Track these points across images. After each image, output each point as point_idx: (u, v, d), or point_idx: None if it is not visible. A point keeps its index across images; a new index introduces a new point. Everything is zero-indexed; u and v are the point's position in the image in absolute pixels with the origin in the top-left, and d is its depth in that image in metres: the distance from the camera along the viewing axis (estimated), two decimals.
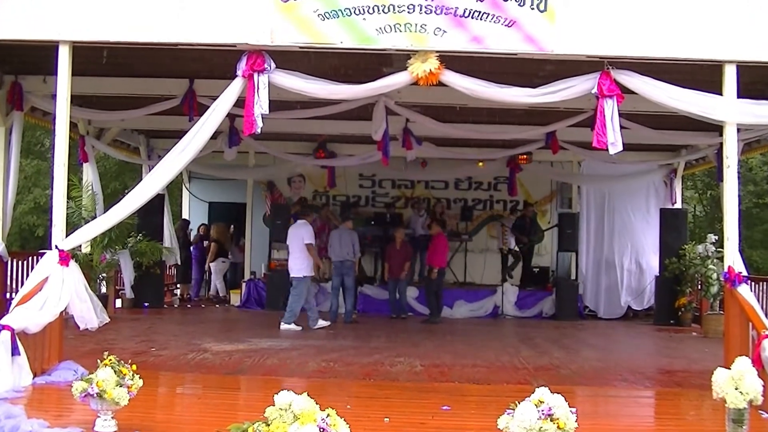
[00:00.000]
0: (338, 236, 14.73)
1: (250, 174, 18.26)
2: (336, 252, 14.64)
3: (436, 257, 15.21)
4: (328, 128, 14.91)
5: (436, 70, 8.19)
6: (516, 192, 17.71)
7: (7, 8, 8.28)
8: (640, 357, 11.73)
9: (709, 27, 8.23)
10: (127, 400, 5.95)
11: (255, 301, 16.85)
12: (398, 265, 15.43)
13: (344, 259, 14.61)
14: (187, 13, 8.28)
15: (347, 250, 14.61)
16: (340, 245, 14.60)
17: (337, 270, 14.67)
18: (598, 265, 17.26)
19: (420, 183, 19.42)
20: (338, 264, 14.64)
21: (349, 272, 14.71)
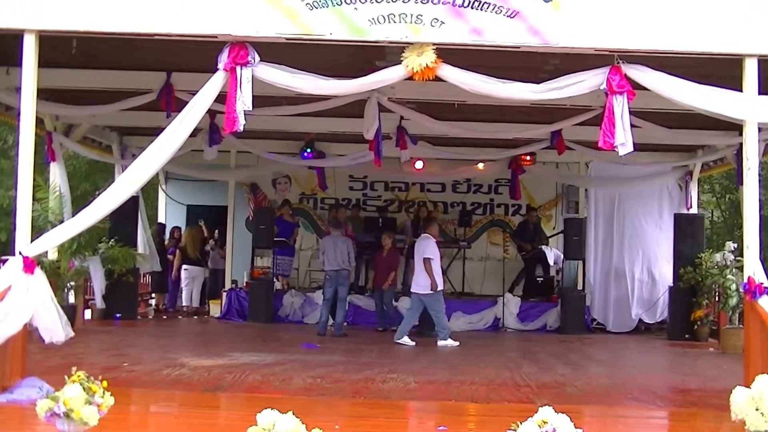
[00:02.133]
0: (332, 243, 14.73)
1: (231, 175, 18.26)
2: (330, 260, 14.62)
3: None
4: (317, 126, 14.94)
5: (432, 64, 8.19)
6: (519, 195, 17.77)
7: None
8: (653, 374, 11.74)
9: (728, 18, 8.21)
10: (97, 420, 5.91)
11: (236, 312, 16.83)
12: (383, 274, 15.45)
13: (340, 268, 14.62)
14: (164, 1, 8.26)
15: (343, 258, 14.62)
16: (335, 253, 14.60)
17: (332, 280, 14.65)
18: (607, 274, 17.27)
19: (415, 185, 19.44)
20: (333, 274, 14.63)
21: (344, 282, 14.74)
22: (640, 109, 9.68)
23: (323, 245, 14.94)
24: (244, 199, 19.09)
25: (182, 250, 18.07)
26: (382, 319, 15.56)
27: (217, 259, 18.80)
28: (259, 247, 17.13)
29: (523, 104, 11.46)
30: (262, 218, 17.03)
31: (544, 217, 19.15)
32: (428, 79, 8.36)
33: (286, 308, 16.73)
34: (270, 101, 11.26)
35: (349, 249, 14.79)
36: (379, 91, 10.93)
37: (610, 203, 17.53)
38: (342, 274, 14.66)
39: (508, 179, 18.00)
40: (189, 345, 12.87)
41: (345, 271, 14.71)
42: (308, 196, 19.55)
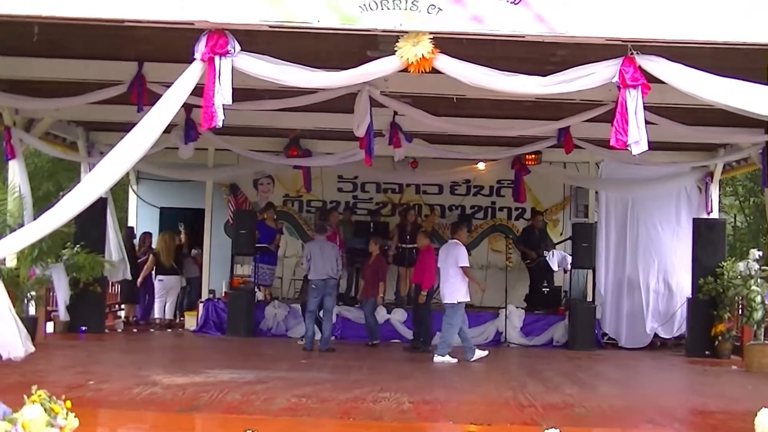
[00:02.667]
0: (319, 250, 14.74)
1: (209, 175, 18.23)
2: (318, 269, 14.63)
3: (425, 275, 15.00)
4: (303, 122, 14.94)
5: (429, 55, 8.17)
6: (523, 198, 17.81)
7: None
8: (669, 394, 11.75)
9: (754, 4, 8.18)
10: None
11: (214, 324, 16.83)
12: (369, 284, 15.49)
13: (328, 277, 14.64)
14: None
15: (331, 266, 14.64)
16: (322, 260, 14.61)
17: (318, 290, 14.65)
18: (620, 285, 17.30)
19: (410, 187, 19.46)
20: (320, 283, 14.62)
21: (331, 292, 14.76)
22: (655, 104, 9.69)
23: (308, 251, 14.90)
24: (223, 201, 19.07)
25: (155, 257, 18.01)
26: (370, 332, 15.58)
27: (192, 267, 18.79)
28: (240, 254, 17.11)
29: (527, 99, 11.47)
30: (242, 222, 17.03)
31: (550, 221, 19.17)
32: (424, 71, 8.34)
33: (268, 321, 16.72)
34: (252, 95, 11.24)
35: (337, 256, 14.83)
36: (370, 84, 10.92)
37: (622, 207, 17.54)
38: (329, 284, 14.68)
39: (511, 180, 18.04)
40: (162, 361, 12.84)
41: (333, 280, 14.73)
42: (293, 198, 19.54)
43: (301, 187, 18.93)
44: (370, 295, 15.41)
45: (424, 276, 14.94)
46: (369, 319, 15.53)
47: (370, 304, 15.46)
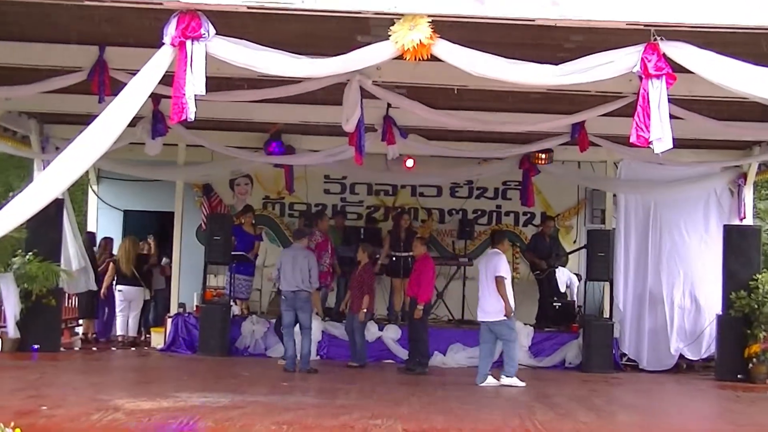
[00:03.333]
0: (291, 258, 14.68)
1: (179, 174, 18.16)
2: (287, 279, 14.57)
3: (421, 288, 14.97)
4: (285, 115, 14.97)
5: (427, 40, 8.18)
6: (531, 202, 17.83)
7: None
8: (696, 423, 11.76)
9: None
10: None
11: (184, 342, 16.79)
12: (356, 297, 15.51)
13: (298, 289, 14.54)
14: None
15: (302, 277, 14.55)
16: (292, 270, 14.55)
17: (289, 303, 14.60)
18: (640, 299, 17.24)
19: (405, 189, 19.51)
20: (290, 295, 14.57)
21: (304, 306, 14.65)
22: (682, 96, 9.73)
23: (280, 260, 14.92)
24: (195, 203, 19.08)
25: (115, 265, 17.91)
26: (353, 351, 15.58)
27: (160, 278, 18.76)
28: (213, 263, 17.12)
29: (537, 90, 11.48)
30: (217, 227, 16.97)
31: (562, 228, 19.23)
32: (422, 59, 8.35)
33: (245, 338, 16.68)
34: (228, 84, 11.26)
35: (311, 266, 14.66)
36: (361, 73, 10.91)
37: (644, 212, 17.48)
38: (300, 297, 14.55)
39: (518, 182, 18.10)
40: (125, 383, 12.79)
41: (304, 293, 14.57)
42: (274, 200, 19.57)
43: (282, 189, 18.94)
44: (358, 310, 15.41)
45: (420, 288, 14.90)
46: (354, 337, 15.49)
47: (356, 319, 15.44)
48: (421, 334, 15.12)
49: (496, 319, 13.89)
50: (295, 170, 18.23)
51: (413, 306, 15.00)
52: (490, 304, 13.95)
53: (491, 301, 13.92)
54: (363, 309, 15.27)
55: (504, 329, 13.94)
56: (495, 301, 13.86)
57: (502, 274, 13.90)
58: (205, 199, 19.09)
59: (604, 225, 18.19)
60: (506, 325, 13.94)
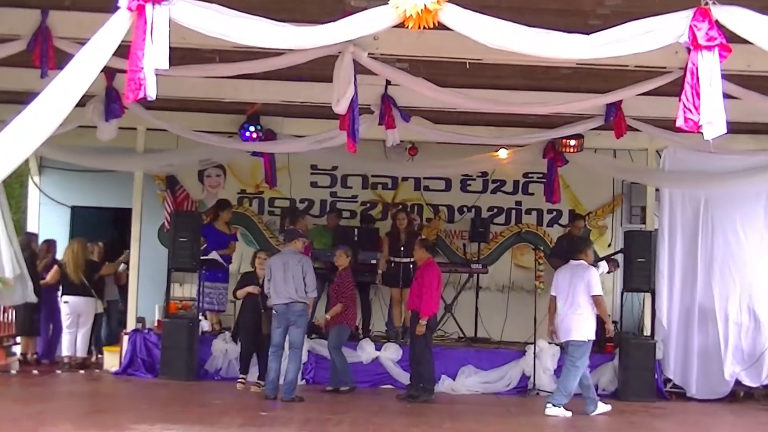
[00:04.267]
0: (281, 265, 14.59)
1: (138, 163, 18.05)
2: (279, 290, 14.48)
3: (423, 300, 14.88)
4: (264, 94, 14.95)
5: (433, 5, 8.16)
6: (558, 197, 17.75)
7: None
8: None
9: None
10: None
11: (143, 364, 16.74)
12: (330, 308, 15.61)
13: (291, 301, 14.46)
14: None
15: (296, 286, 14.49)
16: (284, 279, 14.48)
17: (281, 318, 14.54)
18: (688, 314, 17.09)
19: (407, 181, 19.58)
20: (282, 309, 14.49)
21: (298, 321, 14.57)
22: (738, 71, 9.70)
23: (269, 268, 14.78)
24: (157, 198, 19.09)
25: (60, 269, 17.75)
26: (333, 374, 15.56)
27: (115, 288, 18.71)
28: (179, 270, 17.12)
29: (566, 65, 11.46)
30: (183, 227, 16.90)
31: (595, 229, 19.27)
32: (427, 27, 8.34)
33: (216, 359, 16.69)
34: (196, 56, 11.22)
35: (306, 272, 14.56)
36: (355, 44, 10.88)
37: (692, 210, 17.29)
38: (294, 310, 14.46)
39: (542, 174, 18.05)
40: (72, 413, 12.74)
41: (299, 305, 14.46)
42: (251, 195, 19.63)
43: (261, 181, 18.97)
44: (329, 324, 15.45)
45: (422, 300, 14.83)
46: (333, 356, 15.47)
47: (336, 335, 15.44)
48: (425, 354, 15.04)
49: (577, 339, 14.04)
50: (277, 159, 18.16)
51: (415, 321, 14.95)
52: (573, 320, 14.10)
53: (576, 318, 14.08)
54: (326, 317, 15.40)
55: (578, 352, 14.03)
56: (581, 319, 14.04)
57: (599, 293, 14.14)
58: (168, 193, 19.07)
59: (645, 225, 18.15)
60: (584, 348, 14.08)
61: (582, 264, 14.38)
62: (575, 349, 14.06)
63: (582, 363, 14.07)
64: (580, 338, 14.02)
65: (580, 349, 14.04)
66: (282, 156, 18.25)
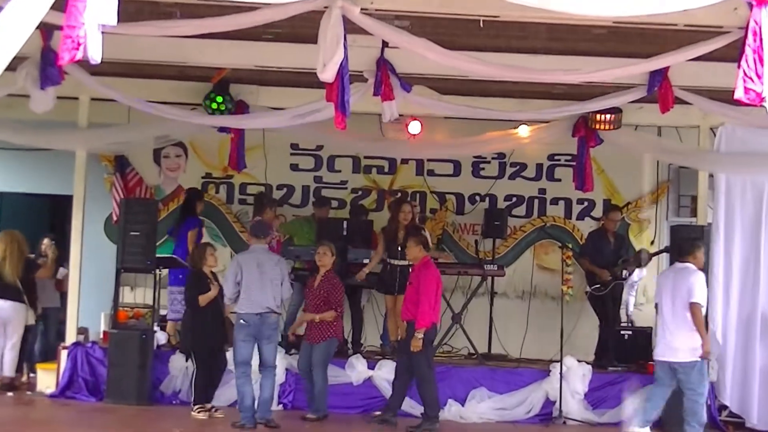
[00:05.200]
0: (255, 266, 14.70)
1: (81, 141, 17.95)
2: (253, 297, 14.60)
3: (421, 308, 14.80)
4: (234, 57, 14.92)
5: None
6: (590, 184, 17.64)
7: None
8: None
9: None
10: None
11: (85, 385, 16.71)
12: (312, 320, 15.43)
13: (267, 311, 14.62)
14: None
15: (273, 294, 14.67)
16: (260, 283, 14.62)
17: (251, 330, 14.63)
18: (748, 326, 17.02)
19: (407, 164, 19.67)
20: (254, 320, 14.59)
21: (273, 335, 14.76)
22: None
23: (237, 268, 14.82)
24: (104, 183, 19.15)
25: None
26: (309, 397, 15.52)
27: (52, 293, 18.64)
28: (130, 270, 17.08)
29: (600, 24, 11.40)
30: (135, 218, 16.86)
31: (634, 223, 19.36)
32: None
33: (175, 379, 16.66)
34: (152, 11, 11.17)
35: (284, 277, 14.79)
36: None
37: (754, 200, 17.25)
38: (269, 323, 14.64)
39: (571, 155, 18.03)
40: None
41: (273, 316, 14.69)
42: (218, 179, 19.71)
43: None
44: (317, 338, 15.33)
45: (419, 308, 14.76)
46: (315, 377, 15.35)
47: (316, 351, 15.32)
48: (425, 373, 14.97)
49: (688, 360, 13.97)
50: (249, 137, 18.12)
51: (410, 333, 14.88)
52: (680, 338, 14.03)
53: (682, 335, 14.02)
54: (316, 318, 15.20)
55: (695, 375, 13.98)
56: (688, 336, 13.97)
57: (699, 301, 14.03)
58: (118, 177, 19.04)
59: (696, 219, 18.15)
60: (699, 370, 14.01)
61: (688, 267, 14.30)
62: (689, 373, 13.97)
63: (703, 386, 14.06)
64: (692, 359, 13.96)
65: (693, 371, 13.96)
66: (256, 133, 18.32)
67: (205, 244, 16.40)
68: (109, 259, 17.51)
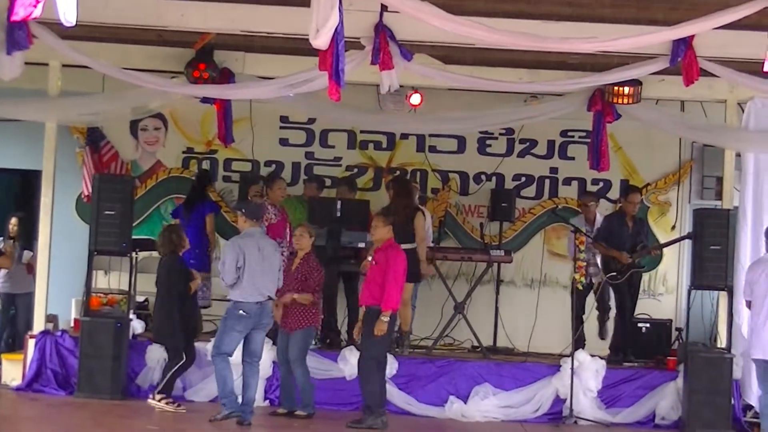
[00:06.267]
0: (257, 250, 14.73)
1: (51, 111, 17.91)
2: (257, 283, 14.66)
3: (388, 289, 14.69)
4: (219, 20, 14.82)
5: None
6: (607, 163, 17.58)
7: None
8: None
9: None
10: None
11: (54, 377, 16.68)
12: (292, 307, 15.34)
13: (268, 299, 14.77)
14: None
15: (271, 279, 14.79)
16: (263, 270, 14.70)
17: (250, 320, 14.66)
18: None
19: (407, 140, 19.68)
20: (255, 309, 14.65)
21: (269, 323, 14.93)
22: None
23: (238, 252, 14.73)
24: (76, 158, 19.17)
25: None
26: (284, 392, 15.54)
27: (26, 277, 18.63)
28: (104, 253, 17.04)
29: None
30: (109, 196, 16.77)
31: (654, 205, 19.41)
32: None
33: (152, 371, 16.58)
34: None
35: (281, 262, 15.01)
36: None
37: None
38: (267, 311, 14.77)
39: (586, 131, 18.00)
40: None
41: (269, 304, 14.81)
42: (200, 155, 19.76)
43: (214, 137, 18.79)
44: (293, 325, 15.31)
45: (385, 290, 14.69)
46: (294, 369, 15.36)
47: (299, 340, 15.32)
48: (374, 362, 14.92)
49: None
50: (235, 109, 18.00)
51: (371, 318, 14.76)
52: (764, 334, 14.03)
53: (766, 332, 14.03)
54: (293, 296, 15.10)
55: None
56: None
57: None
58: (89, 151, 19.07)
59: (721, 202, 18.00)
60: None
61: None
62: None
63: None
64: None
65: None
66: (242, 104, 18.28)
67: (179, 226, 16.46)
68: (81, 241, 17.44)
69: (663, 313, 18.36)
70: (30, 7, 8.04)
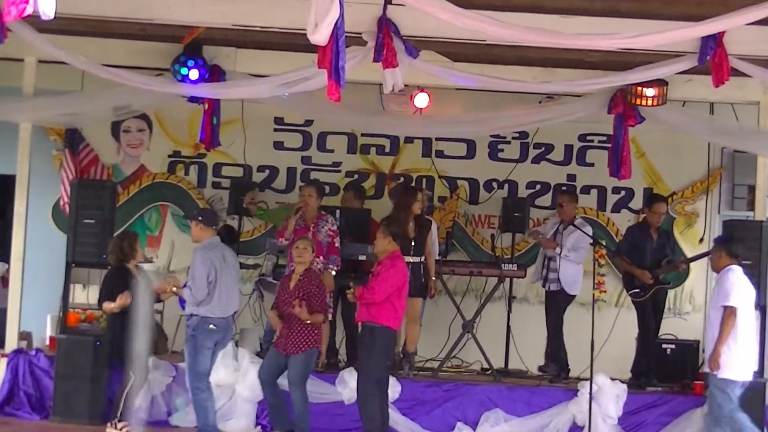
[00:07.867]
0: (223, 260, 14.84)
1: (26, 111, 17.96)
2: (224, 297, 14.77)
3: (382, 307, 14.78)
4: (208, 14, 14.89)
5: None
6: (629, 170, 17.67)
7: None
8: None
9: None
10: None
11: (28, 399, 16.75)
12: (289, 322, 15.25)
13: (234, 312, 15.07)
14: None
15: (236, 290, 15.06)
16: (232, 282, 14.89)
17: (219, 336, 14.82)
18: None
19: (412, 144, 19.76)
20: (223, 324, 14.81)
21: (229, 339, 15.14)
22: None
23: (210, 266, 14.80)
24: (53, 162, 19.26)
25: None
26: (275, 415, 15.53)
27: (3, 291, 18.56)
28: (82, 265, 17.12)
29: None
30: (89, 203, 16.90)
31: (681, 216, 19.46)
32: None
33: None
34: None
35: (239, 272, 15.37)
36: None
37: None
38: (230, 325, 15.18)
39: (607, 136, 18.10)
40: None
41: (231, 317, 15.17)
42: (188, 159, 19.82)
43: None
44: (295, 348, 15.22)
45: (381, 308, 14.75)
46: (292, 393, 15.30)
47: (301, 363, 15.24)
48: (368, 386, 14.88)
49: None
50: (226, 109, 18.13)
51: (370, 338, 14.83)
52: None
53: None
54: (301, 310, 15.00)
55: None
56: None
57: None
58: (67, 154, 19.13)
59: (753, 213, 18.10)
60: None
61: None
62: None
63: None
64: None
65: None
66: (233, 104, 18.38)
67: (135, 234, 16.42)
68: (57, 252, 17.53)
69: (689, 333, 18.38)
70: (22, 4, 8.14)
